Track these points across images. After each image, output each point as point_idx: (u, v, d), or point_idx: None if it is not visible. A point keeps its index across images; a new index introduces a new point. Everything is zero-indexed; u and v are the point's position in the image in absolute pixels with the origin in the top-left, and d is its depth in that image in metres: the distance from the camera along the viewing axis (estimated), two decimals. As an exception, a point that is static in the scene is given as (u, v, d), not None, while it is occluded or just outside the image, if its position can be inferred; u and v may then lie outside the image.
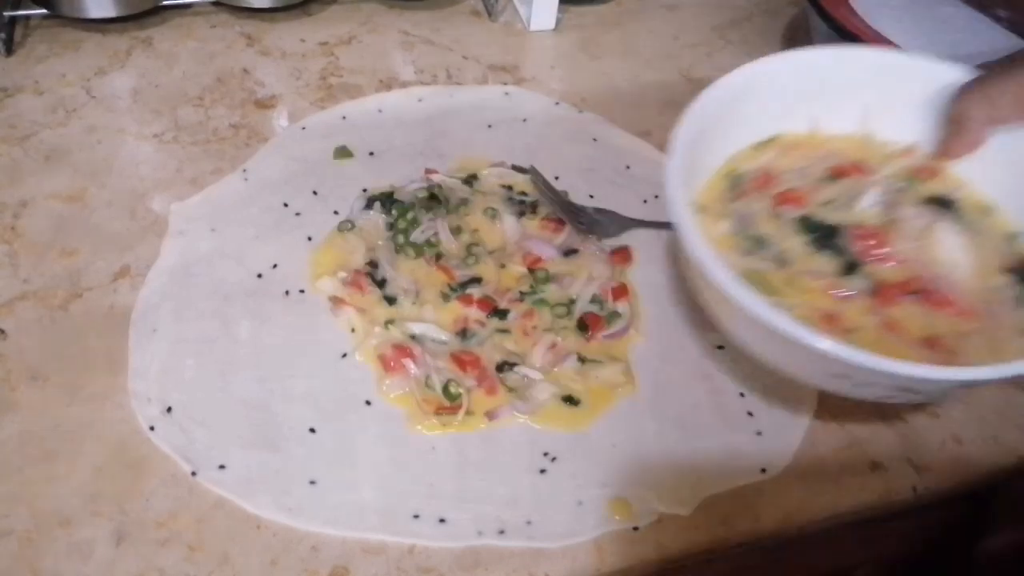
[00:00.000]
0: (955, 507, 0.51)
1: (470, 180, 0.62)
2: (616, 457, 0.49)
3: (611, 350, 0.53)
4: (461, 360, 0.51)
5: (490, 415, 0.50)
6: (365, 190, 0.62)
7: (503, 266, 0.57)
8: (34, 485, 0.46)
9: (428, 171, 0.63)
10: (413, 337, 0.53)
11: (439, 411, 0.50)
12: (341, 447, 0.48)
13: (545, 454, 0.49)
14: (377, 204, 0.59)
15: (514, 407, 0.50)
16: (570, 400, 0.51)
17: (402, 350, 0.51)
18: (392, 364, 0.51)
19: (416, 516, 0.46)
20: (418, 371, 0.51)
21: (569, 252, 0.58)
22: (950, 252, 0.42)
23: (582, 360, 0.52)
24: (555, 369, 0.52)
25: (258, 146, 0.65)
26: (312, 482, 0.47)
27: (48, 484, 0.46)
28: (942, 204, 0.46)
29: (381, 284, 0.55)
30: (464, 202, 0.60)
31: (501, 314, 0.54)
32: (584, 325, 0.54)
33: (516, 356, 0.53)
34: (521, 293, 0.55)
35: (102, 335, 0.52)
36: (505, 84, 0.72)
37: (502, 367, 0.52)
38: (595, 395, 0.51)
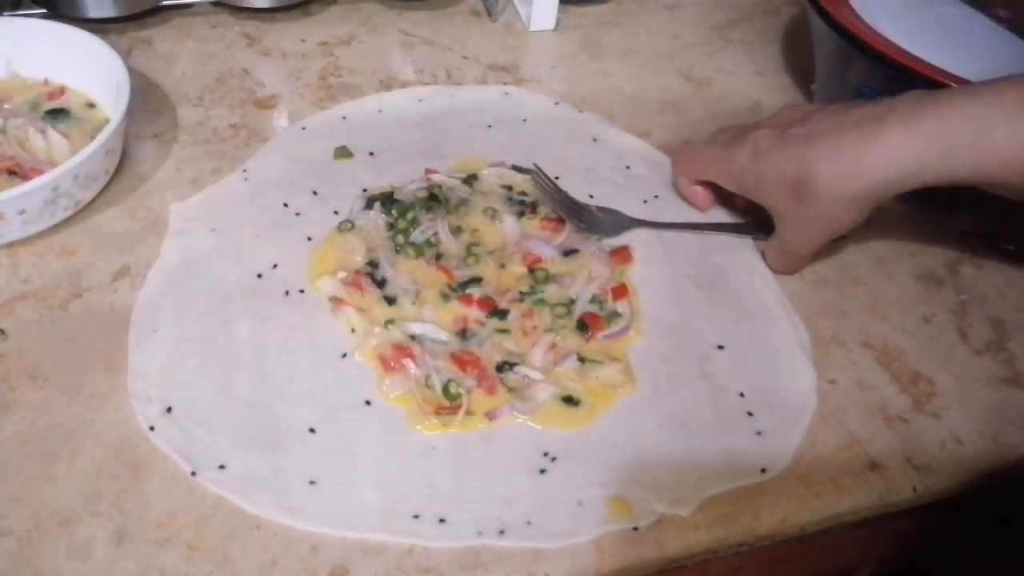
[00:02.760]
0: (955, 507, 0.51)
1: (470, 180, 0.62)
2: (616, 457, 0.49)
3: (611, 350, 0.53)
4: (461, 360, 0.51)
5: (490, 415, 0.50)
6: (365, 190, 0.62)
7: (503, 266, 0.57)
8: (34, 485, 0.46)
9: (428, 171, 0.63)
10: (413, 337, 0.53)
11: (439, 411, 0.50)
12: (341, 447, 0.48)
13: (545, 454, 0.49)
14: (377, 204, 0.59)
15: (514, 407, 0.50)
16: (570, 400, 0.51)
17: (402, 350, 0.51)
18: (392, 364, 0.51)
19: (416, 516, 0.46)
20: (418, 371, 0.51)
21: (569, 252, 0.58)
22: (50, 144, 0.60)
23: (582, 360, 0.52)
24: (555, 369, 0.52)
25: (258, 146, 0.65)
26: (312, 482, 0.47)
27: (48, 484, 0.46)
28: (58, 112, 0.63)
29: (381, 284, 0.55)
30: (464, 202, 0.60)
31: (501, 314, 0.54)
32: (584, 325, 0.54)
33: (516, 356, 0.53)
34: (521, 293, 0.55)
35: (102, 335, 0.52)
36: (505, 84, 0.72)
37: (502, 367, 0.52)
38: (595, 395, 0.51)
